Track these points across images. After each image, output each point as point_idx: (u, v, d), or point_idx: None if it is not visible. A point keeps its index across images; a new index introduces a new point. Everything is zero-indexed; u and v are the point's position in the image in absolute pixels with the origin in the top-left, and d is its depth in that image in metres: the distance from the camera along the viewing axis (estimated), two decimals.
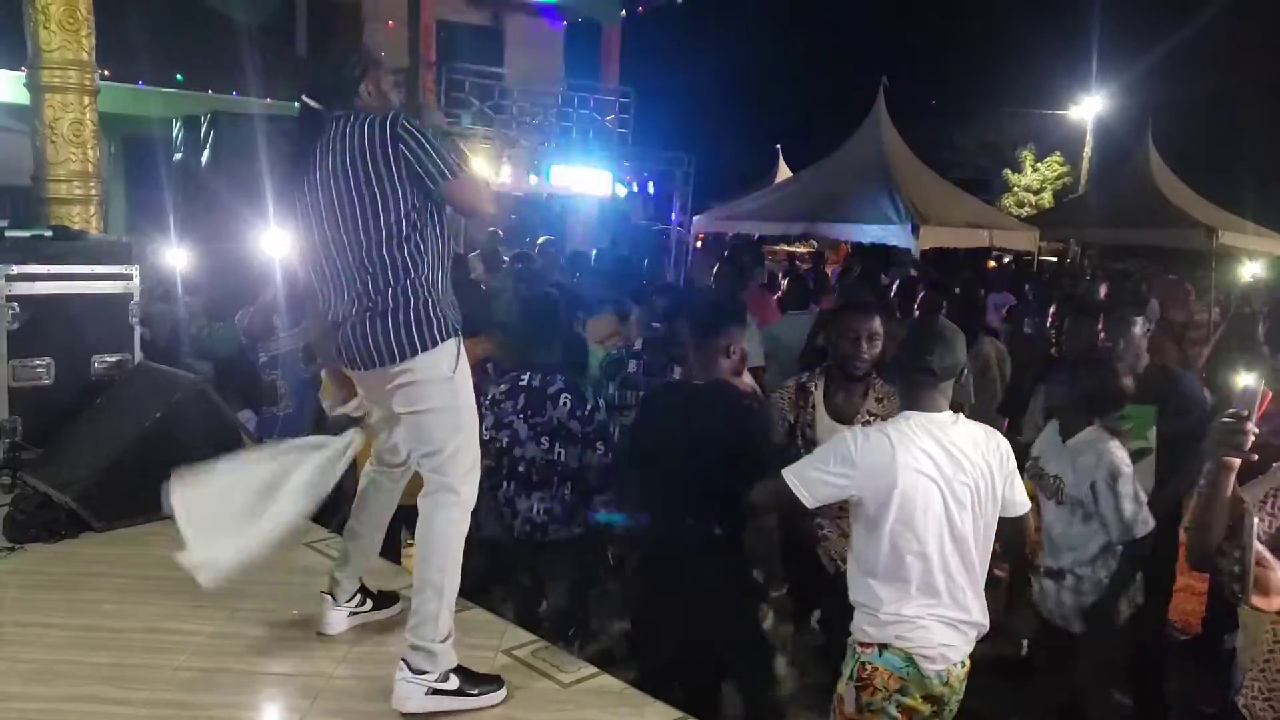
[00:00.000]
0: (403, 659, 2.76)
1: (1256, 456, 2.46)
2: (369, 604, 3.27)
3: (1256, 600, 1.85)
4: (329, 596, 3.22)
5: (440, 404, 2.79)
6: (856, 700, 2.84)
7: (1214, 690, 4.23)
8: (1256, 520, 1.89)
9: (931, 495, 2.79)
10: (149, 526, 4.07)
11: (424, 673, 2.73)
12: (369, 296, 2.76)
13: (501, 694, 2.86)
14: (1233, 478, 2.47)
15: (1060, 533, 3.64)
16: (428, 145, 2.73)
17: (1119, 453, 3.54)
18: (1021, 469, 3.19)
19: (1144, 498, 3.53)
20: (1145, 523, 3.48)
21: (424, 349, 2.75)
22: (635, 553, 4.05)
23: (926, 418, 2.84)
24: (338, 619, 3.21)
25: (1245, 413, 2.43)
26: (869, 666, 2.84)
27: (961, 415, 2.92)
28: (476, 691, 2.81)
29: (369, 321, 2.76)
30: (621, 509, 4.11)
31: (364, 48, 3.09)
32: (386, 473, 3.16)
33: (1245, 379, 2.56)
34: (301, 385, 4.76)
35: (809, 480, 2.84)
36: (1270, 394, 2.51)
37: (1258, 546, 1.84)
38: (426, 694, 2.73)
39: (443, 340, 2.77)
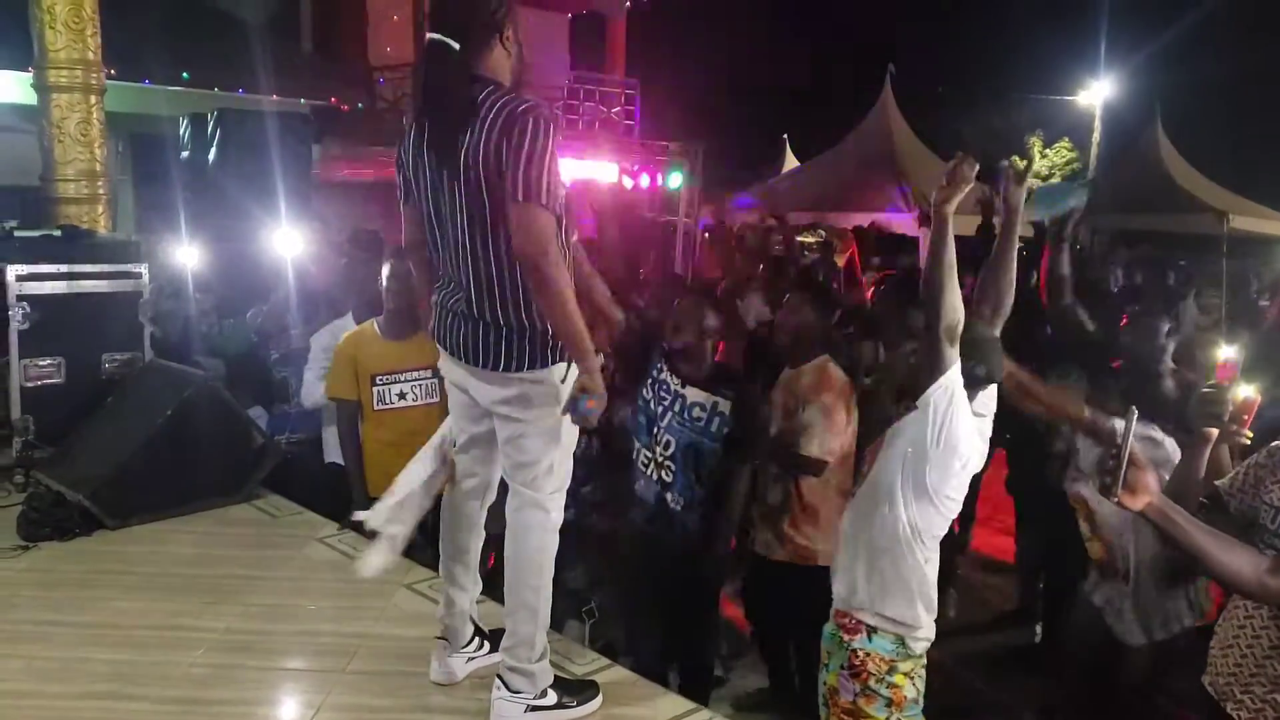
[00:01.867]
0: (499, 677, 2.69)
1: (1235, 428, 2.47)
2: (486, 646, 3.00)
3: (1124, 497, 1.91)
4: (443, 642, 2.95)
5: (543, 422, 2.59)
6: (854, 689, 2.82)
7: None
8: (1135, 423, 1.95)
9: None
10: (162, 524, 4.10)
11: (521, 692, 2.67)
12: (487, 315, 2.54)
13: (599, 700, 2.80)
14: (1208, 450, 2.48)
15: (1119, 532, 3.47)
16: (531, 152, 2.37)
17: (1170, 444, 3.38)
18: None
19: None
20: None
21: (536, 366, 2.55)
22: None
23: None
24: (457, 666, 2.94)
25: (1226, 383, 2.44)
26: (860, 654, 2.82)
27: None
28: (575, 702, 2.75)
29: (483, 331, 2.56)
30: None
31: None
32: (469, 503, 2.89)
33: (1225, 351, 2.56)
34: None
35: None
36: (1259, 401, 2.51)
37: (1133, 445, 1.88)
38: (526, 711, 2.66)
39: (554, 363, 2.56)
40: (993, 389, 2.83)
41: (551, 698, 2.70)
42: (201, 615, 3.31)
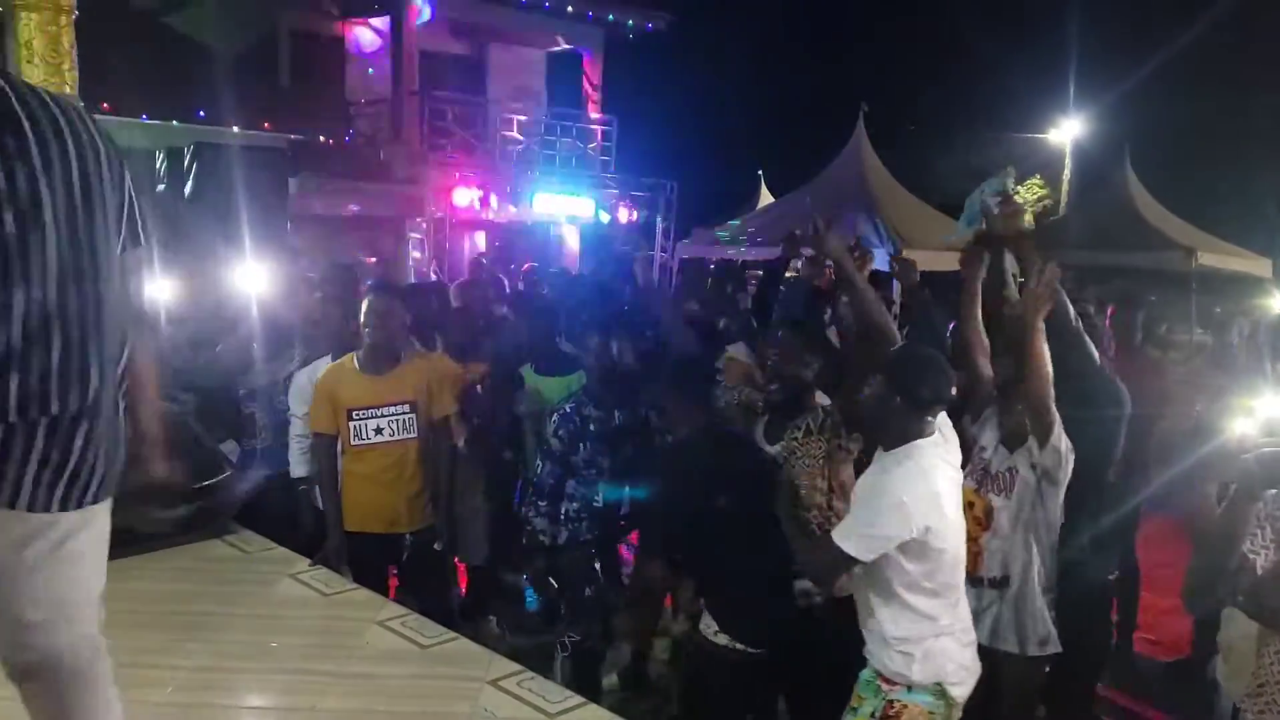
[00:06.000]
0: None
1: None
2: None
3: None
4: None
5: None
6: None
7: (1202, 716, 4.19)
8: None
9: (958, 515, 2.88)
10: (128, 560, 4.02)
11: None
12: None
13: None
14: None
15: (1007, 534, 3.42)
16: None
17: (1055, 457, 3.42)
18: None
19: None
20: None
21: None
22: None
23: (930, 442, 2.84)
24: None
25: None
26: (897, 704, 2.78)
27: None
28: None
29: None
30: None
31: None
32: None
33: None
34: (280, 418, 4.74)
35: (872, 540, 2.73)
36: None
37: None
38: None
39: None
40: None
41: None
42: (171, 652, 3.27)
